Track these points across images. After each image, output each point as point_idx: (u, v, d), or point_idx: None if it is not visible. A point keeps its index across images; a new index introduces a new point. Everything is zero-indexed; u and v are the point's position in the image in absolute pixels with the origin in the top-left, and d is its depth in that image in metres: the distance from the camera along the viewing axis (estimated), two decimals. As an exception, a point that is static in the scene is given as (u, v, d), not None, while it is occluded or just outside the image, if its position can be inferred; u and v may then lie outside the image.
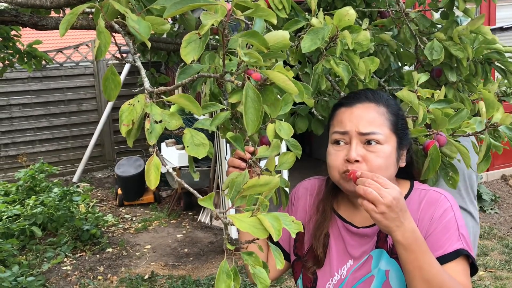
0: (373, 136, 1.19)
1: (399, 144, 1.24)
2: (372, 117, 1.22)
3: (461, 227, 1.20)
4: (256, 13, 0.84)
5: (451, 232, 1.18)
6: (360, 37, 1.45)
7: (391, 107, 1.26)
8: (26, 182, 5.75)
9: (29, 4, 1.74)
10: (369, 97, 1.27)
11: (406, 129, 1.29)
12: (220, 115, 1.04)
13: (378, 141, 1.20)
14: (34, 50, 3.28)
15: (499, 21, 6.22)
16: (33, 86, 7.78)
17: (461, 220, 1.22)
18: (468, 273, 1.18)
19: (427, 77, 1.70)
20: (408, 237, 1.07)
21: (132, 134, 0.88)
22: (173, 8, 0.83)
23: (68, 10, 2.17)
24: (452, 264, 1.15)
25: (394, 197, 1.04)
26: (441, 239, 1.18)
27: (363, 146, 1.20)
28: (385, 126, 1.22)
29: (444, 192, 1.27)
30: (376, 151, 1.19)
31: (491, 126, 1.50)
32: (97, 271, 4.62)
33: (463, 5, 1.94)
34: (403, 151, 1.28)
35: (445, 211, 1.21)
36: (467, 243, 1.19)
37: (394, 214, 1.05)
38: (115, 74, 0.99)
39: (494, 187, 6.31)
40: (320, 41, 1.36)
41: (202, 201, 0.81)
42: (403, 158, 1.28)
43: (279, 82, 0.81)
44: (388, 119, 1.23)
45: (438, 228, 1.19)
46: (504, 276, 4.09)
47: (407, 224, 1.07)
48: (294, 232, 0.81)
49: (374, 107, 1.24)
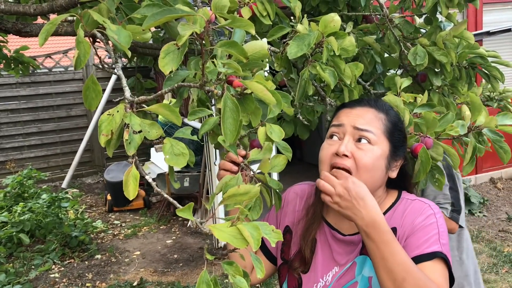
0: (366, 133, 1.22)
1: (392, 152, 1.26)
2: (369, 118, 1.26)
3: (442, 234, 1.21)
4: (233, 23, 0.85)
5: (431, 235, 1.19)
6: (345, 43, 1.46)
7: (390, 116, 1.29)
8: (14, 188, 5.70)
9: (12, 11, 1.73)
10: (371, 103, 1.31)
11: (403, 142, 1.31)
12: (209, 120, 1.04)
13: (370, 141, 1.22)
14: (21, 56, 3.26)
15: (486, 25, 6.28)
16: (21, 92, 7.73)
17: (443, 228, 1.23)
18: (445, 275, 1.17)
19: (409, 81, 1.72)
20: (367, 225, 1.11)
21: (111, 144, 0.87)
22: (152, 19, 0.83)
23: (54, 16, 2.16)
24: (428, 263, 1.16)
25: (345, 187, 1.12)
26: (419, 240, 1.19)
27: (355, 143, 1.23)
28: (380, 129, 1.25)
29: (430, 202, 1.28)
30: (366, 149, 1.21)
31: (475, 129, 1.52)
32: (85, 278, 4.59)
33: (446, 11, 1.96)
34: (396, 162, 1.28)
35: (427, 217, 1.23)
36: (447, 251, 1.19)
37: (348, 202, 1.11)
38: (96, 83, 0.99)
39: (483, 190, 6.36)
40: (306, 47, 1.37)
41: (180, 211, 0.81)
42: (394, 169, 1.29)
43: (257, 92, 0.82)
44: (384, 124, 1.26)
45: (418, 231, 1.20)
46: (492, 279, 4.12)
47: (366, 213, 1.11)
48: (274, 241, 0.82)
49: (373, 111, 1.28)
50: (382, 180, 1.26)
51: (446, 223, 1.28)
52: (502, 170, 6.78)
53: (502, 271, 4.28)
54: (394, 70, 2.29)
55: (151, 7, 1.00)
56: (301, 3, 1.63)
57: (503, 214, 5.64)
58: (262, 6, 1.50)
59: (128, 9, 1.17)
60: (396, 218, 1.25)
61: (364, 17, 2.47)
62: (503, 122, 1.53)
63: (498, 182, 6.61)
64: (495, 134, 1.52)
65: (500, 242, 4.88)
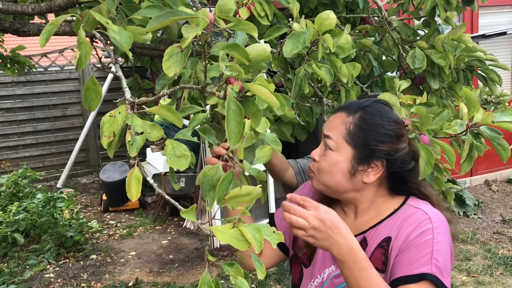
0: (327, 140, 1.26)
1: (355, 157, 1.23)
2: (335, 124, 1.26)
3: (436, 252, 1.14)
4: (237, 26, 0.85)
5: (423, 254, 1.13)
6: (341, 40, 1.46)
7: (360, 119, 1.24)
8: (9, 188, 5.66)
9: (10, 10, 1.72)
10: (347, 107, 1.29)
11: (373, 145, 1.22)
12: (197, 117, 1.04)
13: (330, 147, 1.25)
14: (17, 56, 3.25)
15: (481, 28, 6.31)
16: (17, 91, 7.69)
17: (440, 245, 1.16)
18: None
19: (408, 83, 1.72)
20: (344, 253, 1.09)
21: (113, 145, 0.87)
22: (155, 22, 0.83)
23: (51, 15, 2.15)
24: (413, 285, 1.11)
25: (319, 219, 1.08)
26: (410, 259, 1.14)
27: (324, 147, 1.27)
28: (341, 134, 1.24)
29: (434, 213, 1.21)
30: (326, 155, 1.25)
31: (472, 127, 1.52)
32: (80, 278, 4.57)
33: (444, 14, 1.97)
34: (365, 166, 1.23)
35: (423, 232, 1.16)
36: (439, 269, 1.12)
37: (324, 234, 1.08)
38: (96, 84, 0.99)
39: (478, 192, 6.38)
40: (302, 44, 1.37)
41: (184, 213, 0.81)
42: (368, 174, 1.24)
43: (260, 95, 0.82)
44: (347, 129, 1.24)
45: (412, 247, 1.15)
46: (486, 281, 4.14)
47: (342, 240, 1.09)
48: (275, 243, 0.82)
49: (343, 116, 1.26)
50: (348, 184, 1.25)
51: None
52: (497, 172, 6.81)
53: (497, 273, 4.30)
54: (392, 72, 2.30)
55: (152, 9, 1.00)
56: (299, 5, 1.64)
57: (498, 216, 5.66)
58: (260, 6, 1.50)
59: (128, 9, 1.17)
60: (393, 227, 1.22)
61: (362, 19, 2.47)
62: (501, 118, 1.51)
63: (493, 184, 6.64)
64: (493, 131, 1.51)
65: (495, 244, 4.90)
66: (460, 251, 4.73)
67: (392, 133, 1.23)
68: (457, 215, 5.65)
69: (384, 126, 1.23)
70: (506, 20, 6.56)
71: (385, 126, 1.23)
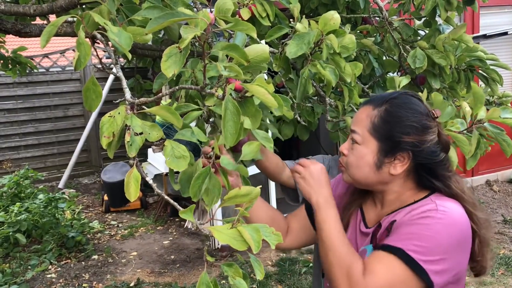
0: (353, 134, 1.29)
1: (381, 149, 1.24)
2: (360, 118, 1.28)
3: (423, 237, 1.12)
4: (236, 27, 0.85)
5: (408, 233, 1.14)
6: (345, 40, 1.46)
7: (385, 111, 1.25)
8: (10, 188, 5.67)
9: (12, 11, 1.73)
10: (374, 100, 1.30)
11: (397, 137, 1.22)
12: (190, 115, 1.04)
13: (356, 141, 1.28)
14: (19, 57, 3.25)
15: (482, 28, 6.30)
16: (18, 91, 7.70)
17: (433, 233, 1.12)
18: (389, 269, 1.12)
19: (408, 80, 1.72)
20: (319, 202, 1.29)
21: (112, 145, 0.87)
22: (155, 23, 0.83)
23: (53, 16, 2.16)
24: (381, 252, 1.14)
25: (313, 168, 1.35)
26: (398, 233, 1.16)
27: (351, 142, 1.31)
28: (366, 127, 1.26)
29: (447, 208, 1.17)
30: (353, 149, 1.29)
31: (477, 123, 1.53)
32: (82, 279, 4.58)
33: (444, 14, 1.97)
34: (391, 158, 1.24)
35: (422, 217, 1.15)
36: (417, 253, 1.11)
37: (312, 181, 1.33)
38: (96, 85, 0.99)
39: (479, 193, 6.38)
40: (306, 46, 1.37)
41: (183, 213, 0.81)
42: (395, 166, 1.24)
43: (259, 96, 0.82)
44: (372, 122, 1.25)
45: (406, 225, 1.17)
46: (488, 281, 4.13)
47: (321, 193, 1.31)
48: (274, 243, 0.82)
49: (369, 109, 1.27)
50: (376, 176, 1.26)
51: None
52: (498, 172, 6.80)
53: (498, 273, 4.29)
54: (393, 72, 2.30)
55: (152, 10, 1.01)
56: (300, 6, 1.64)
57: (499, 216, 5.66)
58: (262, 7, 1.50)
59: (128, 10, 1.17)
60: (404, 214, 1.21)
61: (363, 19, 2.47)
62: (503, 116, 1.54)
63: (494, 184, 6.63)
64: (496, 128, 1.53)
65: (496, 244, 4.90)
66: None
67: (417, 125, 1.22)
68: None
69: (409, 117, 1.23)
70: (507, 20, 6.55)
71: (410, 117, 1.23)
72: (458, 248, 1.16)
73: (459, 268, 1.18)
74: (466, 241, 1.18)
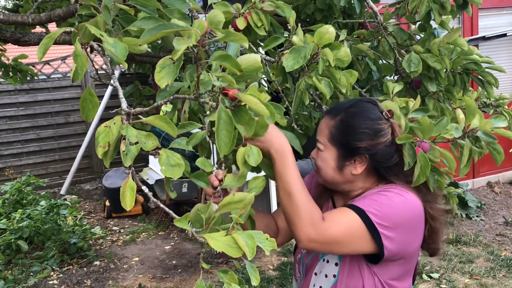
0: (318, 144, 1.45)
1: (340, 155, 1.40)
2: (321, 129, 1.46)
3: (382, 205, 1.30)
4: (228, 37, 0.87)
5: (369, 198, 1.33)
6: (340, 53, 1.48)
7: (340, 121, 1.41)
8: (12, 195, 5.69)
9: (11, 20, 1.75)
10: (332, 110, 1.47)
11: (352, 143, 1.38)
12: (196, 135, 1.06)
13: (320, 149, 1.44)
14: (20, 64, 3.27)
15: (481, 30, 6.31)
16: (20, 99, 7.74)
17: (391, 203, 1.30)
18: (349, 222, 1.29)
19: (401, 86, 1.74)
20: (276, 150, 1.27)
21: (108, 155, 0.89)
22: (148, 35, 0.85)
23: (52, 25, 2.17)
24: (344, 207, 1.34)
25: (271, 130, 1.27)
26: (362, 198, 1.35)
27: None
28: (326, 136, 1.43)
29: (405, 189, 1.37)
30: (319, 155, 1.45)
31: (470, 132, 1.55)
32: (84, 285, 4.59)
33: (439, 18, 1.98)
34: (351, 161, 1.40)
35: (383, 190, 1.36)
36: (375, 216, 1.28)
37: (267, 136, 1.24)
38: (93, 95, 1.01)
39: (480, 194, 6.38)
40: (303, 59, 1.40)
41: (178, 221, 0.82)
42: (355, 167, 1.40)
43: (251, 104, 0.84)
44: (330, 131, 1.42)
45: (369, 194, 1.36)
46: (489, 283, 4.13)
47: (276, 140, 1.27)
48: (268, 249, 0.83)
49: (327, 120, 1.45)
50: (340, 177, 1.43)
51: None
52: (499, 174, 6.80)
53: (500, 275, 4.29)
54: (390, 76, 2.31)
55: (147, 20, 1.02)
56: (296, 11, 1.66)
57: (500, 218, 5.66)
58: (257, 16, 1.52)
59: (124, 21, 1.19)
60: (369, 194, 1.39)
61: (360, 24, 2.48)
62: (496, 125, 1.57)
63: (495, 186, 6.63)
64: (488, 137, 1.55)
65: (498, 246, 4.90)
66: (463, 253, 4.73)
67: (368, 131, 1.38)
68: (460, 217, 5.65)
69: (361, 125, 1.39)
70: (506, 22, 6.57)
71: (361, 125, 1.39)
72: (410, 227, 1.34)
73: (409, 246, 1.36)
74: (418, 224, 1.37)
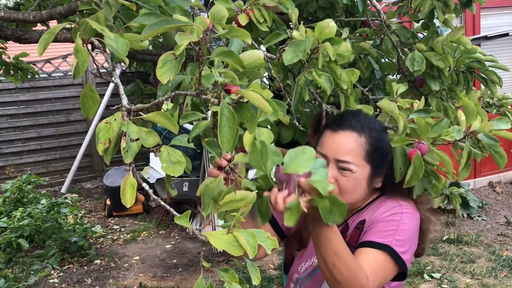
0: (347, 165, 1.32)
1: (372, 173, 1.36)
2: (350, 147, 1.33)
3: (400, 232, 1.30)
4: (231, 33, 0.85)
5: (388, 229, 1.30)
6: (341, 48, 1.47)
7: (371, 138, 1.35)
8: (13, 193, 5.69)
9: (12, 18, 1.74)
10: (352, 125, 1.35)
11: (384, 159, 1.37)
12: (200, 124, 1.05)
13: (351, 170, 1.32)
14: (21, 63, 3.27)
15: (483, 29, 6.29)
16: (20, 97, 7.73)
17: (405, 226, 1.31)
18: (382, 266, 1.26)
19: (405, 87, 1.72)
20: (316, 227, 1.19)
21: (109, 152, 0.88)
22: (150, 30, 0.84)
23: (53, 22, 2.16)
24: (370, 249, 1.27)
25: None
26: (378, 229, 1.31)
27: (338, 170, 1.33)
28: (360, 156, 1.33)
29: (405, 203, 1.38)
30: (348, 176, 1.33)
31: (470, 134, 1.53)
32: (84, 284, 4.58)
33: (442, 16, 1.97)
34: (378, 177, 1.39)
35: (393, 213, 1.34)
36: (400, 248, 1.28)
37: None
38: (93, 92, 1.00)
39: (482, 194, 6.36)
40: (302, 53, 1.38)
41: (178, 219, 0.81)
42: (378, 181, 1.40)
43: (253, 101, 0.83)
44: (364, 150, 1.34)
45: (381, 221, 1.33)
46: (491, 283, 4.12)
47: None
48: (269, 248, 0.82)
49: (354, 137, 1.34)
50: (365, 194, 1.39)
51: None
52: (501, 174, 6.78)
53: (501, 275, 4.28)
54: (392, 75, 2.30)
55: (149, 16, 1.01)
56: (299, 9, 1.64)
57: (502, 218, 5.64)
58: (259, 13, 1.51)
59: (125, 17, 1.17)
60: (368, 212, 1.38)
61: (363, 22, 2.47)
62: (498, 127, 1.54)
63: (496, 186, 6.61)
64: (490, 139, 1.53)
65: (499, 246, 4.89)
66: (464, 253, 4.71)
67: (389, 143, 1.38)
68: (461, 217, 5.63)
69: (386, 139, 1.39)
70: (508, 21, 6.55)
71: (386, 139, 1.39)
72: (416, 235, 1.38)
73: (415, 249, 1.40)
74: (417, 228, 1.40)
